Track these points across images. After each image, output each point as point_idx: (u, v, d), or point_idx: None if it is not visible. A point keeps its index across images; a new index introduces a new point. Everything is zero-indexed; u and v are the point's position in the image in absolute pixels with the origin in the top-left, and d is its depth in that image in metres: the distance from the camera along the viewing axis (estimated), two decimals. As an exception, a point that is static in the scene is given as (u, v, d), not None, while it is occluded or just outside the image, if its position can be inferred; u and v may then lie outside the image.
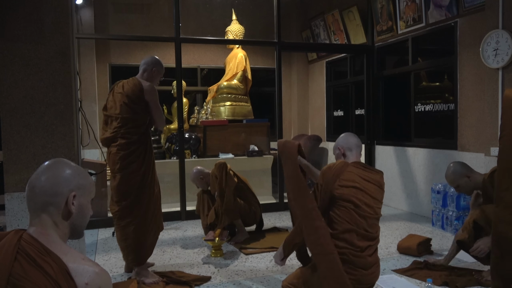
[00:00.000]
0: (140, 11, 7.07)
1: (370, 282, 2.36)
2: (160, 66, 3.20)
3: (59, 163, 1.28)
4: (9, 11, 2.91)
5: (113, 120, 3.05)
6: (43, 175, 1.24)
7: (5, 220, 2.95)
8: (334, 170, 2.39)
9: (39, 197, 1.22)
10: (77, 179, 1.27)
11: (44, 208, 1.22)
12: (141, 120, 3.06)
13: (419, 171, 5.13)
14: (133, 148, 3.02)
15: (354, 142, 2.55)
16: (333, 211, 2.36)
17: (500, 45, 3.77)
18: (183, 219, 5.04)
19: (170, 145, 5.75)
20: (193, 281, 3.09)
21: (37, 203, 1.22)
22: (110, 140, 3.05)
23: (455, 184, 3.00)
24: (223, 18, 6.78)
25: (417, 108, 5.26)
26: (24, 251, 1.14)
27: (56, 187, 1.23)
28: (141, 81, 3.08)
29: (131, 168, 3.00)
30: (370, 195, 2.36)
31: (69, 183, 1.25)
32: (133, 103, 3.02)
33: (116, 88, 3.12)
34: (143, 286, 2.99)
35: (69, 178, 1.26)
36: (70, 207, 1.24)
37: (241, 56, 6.35)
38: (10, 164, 2.94)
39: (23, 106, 2.95)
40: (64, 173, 1.26)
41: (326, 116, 7.31)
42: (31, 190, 1.23)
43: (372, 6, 5.77)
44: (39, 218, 1.22)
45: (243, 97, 6.39)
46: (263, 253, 3.74)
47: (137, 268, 3.10)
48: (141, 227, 3.05)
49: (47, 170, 1.25)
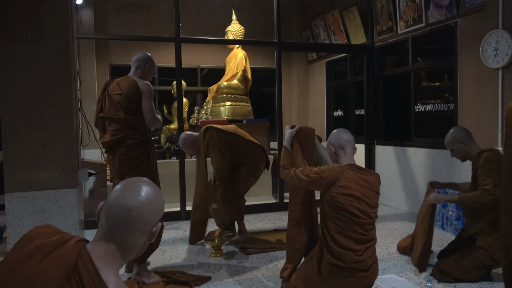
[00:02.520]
0: (140, 11, 7.07)
1: (369, 282, 2.37)
2: (152, 62, 3.19)
3: (153, 190, 1.22)
4: (9, 11, 2.91)
5: (113, 122, 3.02)
6: (140, 198, 1.17)
7: (5, 220, 2.95)
8: (331, 176, 2.35)
9: (132, 222, 1.16)
10: (163, 209, 1.24)
11: (128, 233, 1.16)
12: (142, 119, 3.07)
13: (419, 171, 5.13)
14: (141, 148, 3.04)
15: (345, 139, 2.50)
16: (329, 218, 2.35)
17: (500, 45, 3.77)
18: (183, 219, 5.04)
19: (170, 145, 5.75)
20: (193, 281, 3.09)
21: (122, 226, 1.15)
22: (115, 142, 3.02)
23: (450, 147, 3.07)
24: (223, 18, 6.78)
25: (417, 108, 5.26)
26: (79, 274, 1.08)
27: (152, 217, 1.19)
28: (137, 80, 3.06)
29: (141, 167, 3.03)
30: (367, 202, 2.33)
31: (160, 212, 1.22)
32: (134, 104, 3.02)
33: (111, 89, 3.07)
34: (144, 286, 2.98)
35: (161, 208, 1.23)
36: (153, 235, 1.21)
37: (241, 56, 6.35)
38: (10, 164, 2.94)
39: (23, 106, 2.95)
40: (160, 201, 1.23)
41: (326, 116, 7.31)
42: (125, 212, 1.15)
43: (372, 6, 5.77)
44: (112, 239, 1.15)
45: (243, 97, 6.40)
46: (263, 253, 3.74)
47: (138, 268, 3.09)
48: None
49: (145, 194, 1.19)
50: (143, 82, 3.06)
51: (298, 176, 2.45)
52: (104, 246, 1.15)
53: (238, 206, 4.05)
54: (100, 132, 3.14)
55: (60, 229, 1.22)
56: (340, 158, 2.49)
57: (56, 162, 3.02)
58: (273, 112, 6.72)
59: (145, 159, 3.06)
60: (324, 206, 2.39)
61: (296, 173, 2.47)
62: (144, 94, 3.04)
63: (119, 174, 3.06)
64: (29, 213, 2.96)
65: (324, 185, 2.34)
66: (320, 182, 2.35)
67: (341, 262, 2.28)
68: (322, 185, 2.34)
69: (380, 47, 5.84)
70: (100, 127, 3.12)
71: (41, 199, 2.98)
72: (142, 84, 3.04)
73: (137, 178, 1.26)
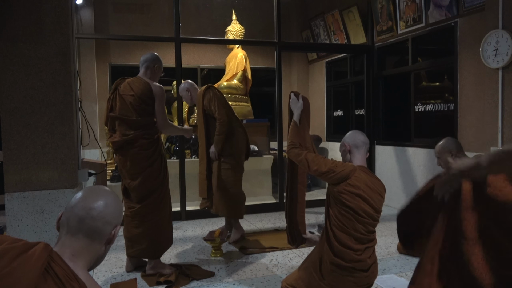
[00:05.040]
0: (140, 11, 7.07)
1: (369, 282, 2.37)
2: (161, 62, 3.27)
3: (111, 193, 1.31)
4: (9, 11, 2.91)
5: (124, 123, 3.06)
6: (100, 200, 1.26)
7: (5, 220, 2.95)
8: (343, 173, 2.34)
9: (93, 221, 1.22)
10: (122, 214, 1.33)
11: (90, 233, 1.22)
12: (153, 119, 3.17)
13: (419, 171, 5.13)
14: (153, 147, 3.13)
15: (361, 140, 2.50)
16: (334, 213, 2.36)
17: (500, 45, 3.77)
18: (183, 219, 5.04)
19: (170, 145, 5.75)
20: (196, 275, 3.22)
21: (84, 225, 1.22)
22: (127, 142, 3.06)
23: (437, 154, 3.01)
24: (223, 18, 6.79)
25: (417, 108, 5.26)
26: (53, 271, 1.12)
27: (111, 217, 1.26)
28: (149, 82, 3.13)
29: (154, 166, 3.12)
30: (372, 206, 2.34)
31: (120, 216, 1.30)
32: (146, 105, 3.09)
33: (122, 89, 3.11)
34: (162, 276, 3.12)
35: (120, 211, 1.32)
36: (113, 237, 1.28)
37: (241, 56, 6.35)
38: (10, 164, 2.94)
39: (23, 106, 2.95)
40: (119, 205, 1.31)
41: (326, 116, 7.31)
42: (87, 211, 1.22)
43: (372, 6, 5.77)
44: (76, 240, 1.21)
45: (243, 97, 6.40)
46: (263, 253, 3.74)
47: (153, 262, 3.21)
48: (163, 222, 3.21)
49: (105, 196, 1.28)
50: (156, 85, 3.13)
51: (309, 163, 2.43)
52: (69, 248, 1.20)
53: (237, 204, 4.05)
54: (109, 131, 3.19)
55: None
56: (353, 158, 2.49)
57: (56, 162, 3.03)
58: (273, 112, 6.72)
59: (158, 158, 3.15)
60: (330, 200, 2.40)
61: (307, 159, 2.45)
62: (157, 97, 3.13)
63: (131, 174, 3.10)
64: (29, 213, 2.96)
65: (334, 179, 2.34)
66: (331, 175, 2.35)
67: (341, 260, 2.29)
68: (332, 179, 2.35)
69: (380, 47, 5.84)
70: (109, 126, 3.17)
71: (41, 199, 2.98)
72: (155, 87, 3.12)
73: (97, 186, 1.35)
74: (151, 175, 3.10)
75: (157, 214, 3.15)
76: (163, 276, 3.12)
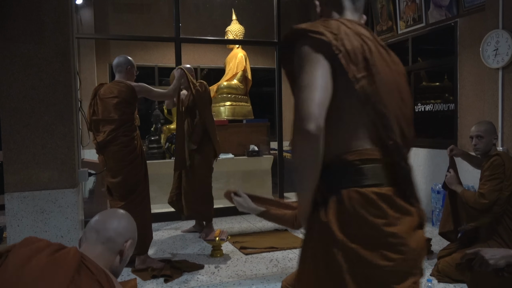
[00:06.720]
0: (140, 11, 7.07)
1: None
2: (132, 63, 3.46)
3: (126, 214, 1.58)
4: (9, 11, 2.91)
5: (106, 123, 3.24)
6: (115, 217, 1.52)
7: (5, 220, 2.95)
8: None
9: (106, 231, 1.46)
10: (135, 234, 1.57)
11: (104, 240, 1.45)
12: (133, 118, 3.35)
13: (419, 171, 5.13)
14: (133, 144, 3.29)
15: None
16: None
17: (500, 45, 3.77)
18: (183, 219, 5.03)
19: (170, 145, 5.74)
20: (186, 267, 3.31)
21: (100, 235, 1.45)
22: (108, 142, 3.24)
23: (483, 133, 2.99)
24: (223, 18, 6.78)
25: (417, 108, 5.26)
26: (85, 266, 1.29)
27: (124, 229, 1.50)
28: (130, 84, 3.32)
29: (136, 162, 3.28)
30: None
31: (133, 232, 1.54)
32: (129, 104, 3.28)
33: (102, 93, 3.29)
34: (155, 270, 3.19)
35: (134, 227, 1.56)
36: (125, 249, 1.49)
37: (241, 56, 6.35)
38: (10, 164, 2.94)
39: (23, 106, 2.95)
40: (132, 223, 1.56)
41: (326, 116, 7.30)
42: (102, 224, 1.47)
43: (372, 6, 5.77)
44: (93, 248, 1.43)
45: (243, 97, 6.39)
46: (263, 253, 3.74)
47: (142, 257, 3.30)
48: (147, 217, 3.36)
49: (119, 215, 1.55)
50: (137, 85, 3.35)
51: None
52: (91, 254, 1.39)
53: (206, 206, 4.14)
54: (94, 133, 3.34)
55: None
56: None
57: (56, 162, 3.03)
58: (273, 112, 6.71)
59: (139, 155, 3.32)
60: None
61: None
62: (144, 94, 3.38)
63: (113, 171, 3.25)
64: (29, 213, 2.96)
65: None
66: None
67: None
68: None
69: (380, 47, 5.83)
70: (94, 129, 3.33)
71: (41, 199, 2.98)
72: (137, 87, 3.33)
73: (113, 209, 1.57)
74: (132, 171, 3.25)
75: (142, 210, 3.27)
76: (155, 270, 3.19)
